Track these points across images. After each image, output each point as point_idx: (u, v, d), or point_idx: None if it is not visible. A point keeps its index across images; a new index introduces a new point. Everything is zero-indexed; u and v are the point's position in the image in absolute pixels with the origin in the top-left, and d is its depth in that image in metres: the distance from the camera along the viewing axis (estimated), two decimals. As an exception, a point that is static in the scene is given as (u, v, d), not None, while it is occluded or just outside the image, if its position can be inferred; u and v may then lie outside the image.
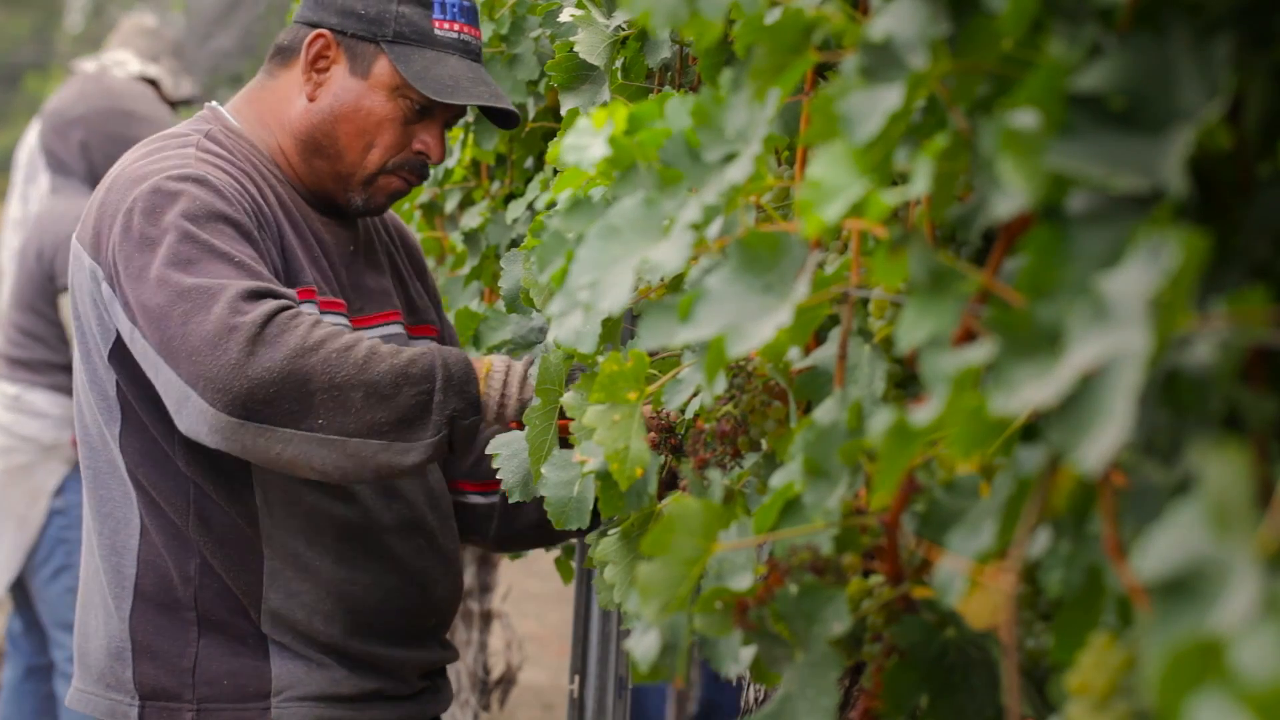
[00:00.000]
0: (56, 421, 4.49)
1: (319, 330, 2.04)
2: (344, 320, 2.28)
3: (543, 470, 1.87)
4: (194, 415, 2.02)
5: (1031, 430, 1.02)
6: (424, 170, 2.32)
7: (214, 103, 2.38)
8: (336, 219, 2.36)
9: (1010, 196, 0.99)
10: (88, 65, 5.08)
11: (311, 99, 2.28)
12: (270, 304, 2.02)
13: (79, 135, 4.68)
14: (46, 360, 4.51)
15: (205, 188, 2.14)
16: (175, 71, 5.38)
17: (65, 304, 4.45)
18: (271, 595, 2.21)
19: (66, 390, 4.41)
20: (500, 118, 2.32)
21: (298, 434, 2.02)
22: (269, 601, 2.21)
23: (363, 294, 2.33)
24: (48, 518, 4.52)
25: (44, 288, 4.50)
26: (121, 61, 5.34)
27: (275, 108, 2.32)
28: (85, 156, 4.67)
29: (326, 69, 2.28)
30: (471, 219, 3.08)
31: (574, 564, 2.85)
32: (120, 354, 2.17)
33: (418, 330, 2.44)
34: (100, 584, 2.27)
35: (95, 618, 2.28)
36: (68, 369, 4.37)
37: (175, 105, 5.40)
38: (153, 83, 5.31)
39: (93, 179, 4.59)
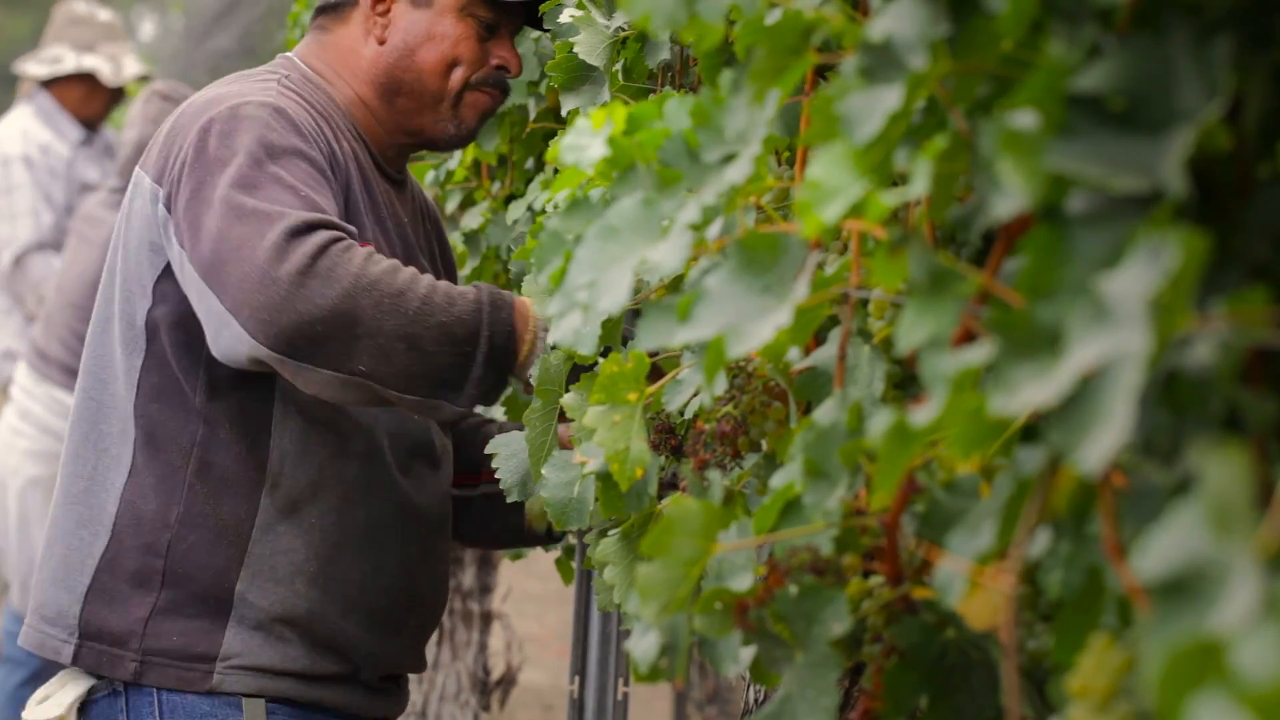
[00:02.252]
0: None
1: (374, 266, 2.00)
2: None
3: (543, 471, 1.87)
4: (232, 341, 1.99)
5: (1031, 431, 1.02)
6: (506, 86, 2.34)
7: (289, 53, 2.37)
8: (397, 189, 2.37)
9: (1010, 197, 0.99)
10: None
11: (381, 41, 2.30)
12: (324, 234, 1.99)
13: None
14: None
15: (284, 120, 2.13)
16: (114, 56, 5.39)
17: None
18: (259, 547, 2.18)
19: None
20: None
21: (335, 375, 2.00)
22: (254, 554, 2.18)
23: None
24: None
25: None
26: (58, 57, 5.36)
27: (343, 59, 2.32)
28: None
29: (388, 10, 2.30)
30: (472, 220, 3.08)
31: (574, 564, 2.85)
32: (165, 283, 2.16)
33: None
34: (74, 519, 2.23)
35: (59, 551, 2.24)
36: None
37: (121, 92, 5.43)
38: (90, 76, 5.34)
39: None
